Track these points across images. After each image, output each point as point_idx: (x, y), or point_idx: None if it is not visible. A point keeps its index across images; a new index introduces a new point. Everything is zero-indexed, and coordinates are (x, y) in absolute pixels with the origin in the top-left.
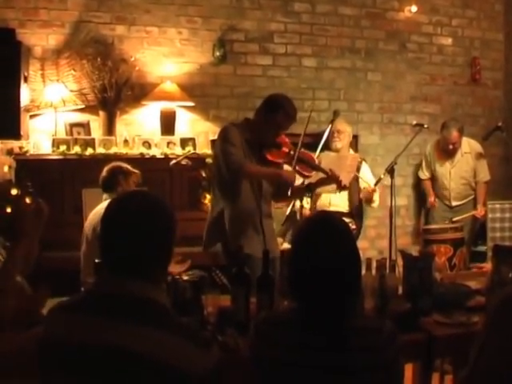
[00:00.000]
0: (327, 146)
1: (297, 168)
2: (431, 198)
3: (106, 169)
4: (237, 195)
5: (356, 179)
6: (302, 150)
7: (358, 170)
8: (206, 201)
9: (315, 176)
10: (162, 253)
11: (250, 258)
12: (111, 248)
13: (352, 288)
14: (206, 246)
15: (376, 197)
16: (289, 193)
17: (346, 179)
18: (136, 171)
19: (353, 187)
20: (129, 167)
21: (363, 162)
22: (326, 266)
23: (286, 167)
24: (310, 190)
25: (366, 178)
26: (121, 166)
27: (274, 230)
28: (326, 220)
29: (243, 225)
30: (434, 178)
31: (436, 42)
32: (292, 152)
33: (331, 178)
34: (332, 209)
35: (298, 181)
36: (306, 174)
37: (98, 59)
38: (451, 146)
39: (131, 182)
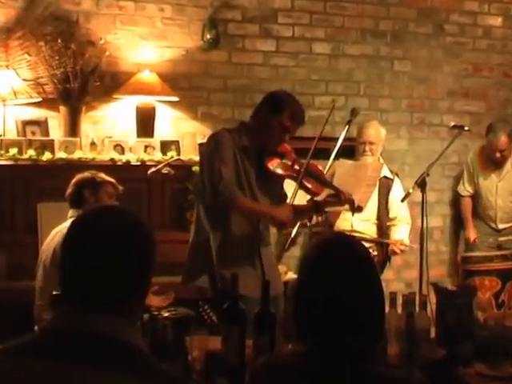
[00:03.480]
0: (343, 153)
1: (304, 183)
2: (470, 234)
3: (71, 183)
4: (227, 217)
5: (386, 200)
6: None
7: (388, 190)
8: (193, 219)
9: (323, 193)
10: (136, 283)
11: (244, 298)
12: (73, 276)
13: (373, 329)
14: (186, 279)
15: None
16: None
17: (365, 195)
18: (110, 180)
19: (381, 208)
20: (99, 176)
21: (396, 179)
22: (340, 301)
23: (290, 182)
24: (317, 208)
25: (395, 205)
26: (86, 178)
27: (275, 261)
28: (341, 243)
29: (236, 256)
30: (476, 194)
31: (481, 23)
32: (297, 166)
33: (342, 199)
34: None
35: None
36: (315, 190)
37: (59, 41)
38: (498, 154)
39: (103, 195)
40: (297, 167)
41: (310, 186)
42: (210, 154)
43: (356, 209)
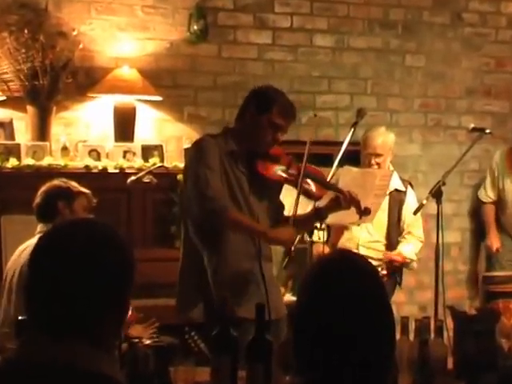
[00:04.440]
0: (348, 159)
1: (304, 187)
2: (493, 241)
3: (40, 191)
4: (221, 233)
5: (398, 217)
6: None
7: (400, 205)
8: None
9: (325, 198)
10: (113, 305)
11: (247, 322)
12: (41, 298)
13: (381, 358)
14: (182, 310)
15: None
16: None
17: (372, 207)
18: (85, 191)
19: (392, 227)
20: (74, 186)
21: (409, 188)
22: (344, 326)
23: (289, 188)
24: (320, 216)
25: (409, 219)
26: (60, 187)
27: (274, 278)
28: (346, 261)
29: (236, 277)
30: (500, 201)
31: (505, 11)
32: (293, 170)
33: (343, 200)
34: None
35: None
36: (317, 194)
37: (25, 32)
38: None
39: (78, 208)
40: (293, 171)
41: (310, 189)
42: (194, 162)
43: (363, 211)
